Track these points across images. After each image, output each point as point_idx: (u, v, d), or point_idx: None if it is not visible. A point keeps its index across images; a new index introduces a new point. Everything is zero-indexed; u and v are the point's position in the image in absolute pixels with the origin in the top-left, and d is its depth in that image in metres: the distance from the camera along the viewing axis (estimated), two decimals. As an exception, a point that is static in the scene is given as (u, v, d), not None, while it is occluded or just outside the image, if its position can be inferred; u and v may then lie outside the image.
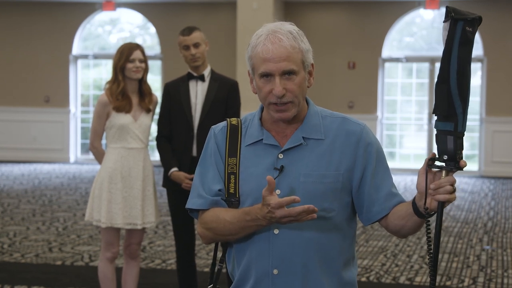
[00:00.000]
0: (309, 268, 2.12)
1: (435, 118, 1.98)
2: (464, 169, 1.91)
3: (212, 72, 4.73)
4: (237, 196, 2.16)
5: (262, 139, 2.19)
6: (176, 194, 4.66)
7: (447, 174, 1.97)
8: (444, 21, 1.92)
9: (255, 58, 2.13)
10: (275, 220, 2.02)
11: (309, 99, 2.23)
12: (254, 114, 2.25)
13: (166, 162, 4.67)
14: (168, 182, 4.68)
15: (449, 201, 1.96)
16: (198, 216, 2.22)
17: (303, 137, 2.17)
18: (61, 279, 5.74)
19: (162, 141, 4.72)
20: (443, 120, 1.95)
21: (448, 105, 1.93)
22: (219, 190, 2.18)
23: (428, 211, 2.02)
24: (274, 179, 2.11)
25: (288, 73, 2.10)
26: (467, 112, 1.94)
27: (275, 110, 2.13)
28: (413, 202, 2.06)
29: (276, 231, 2.12)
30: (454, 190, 1.97)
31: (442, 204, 1.97)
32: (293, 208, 1.98)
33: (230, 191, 2.17)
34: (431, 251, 2.01)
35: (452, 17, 1.89)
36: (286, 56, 2.09)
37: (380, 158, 2.20)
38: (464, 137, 1.96)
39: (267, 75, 2.11)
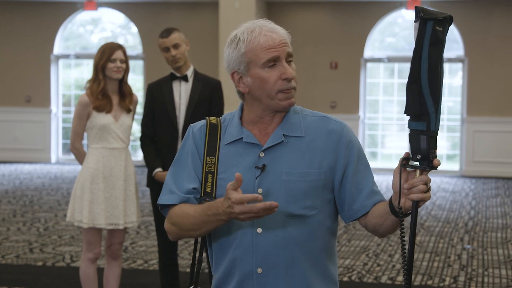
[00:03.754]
0: (293, 267, 2.13)
1: (408, 118, 1.99)
2: (446, 169, 1.92)
3: (195, 72, 4.73)
4: (214, 195, 2.15)
5: (242, 138, 2.18)
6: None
7: (421, 174, 1.98)
8: (414, 21, 1.93)
9: (254, 50, 2.12)
10: (234, 216, 2.00)
11: None
12: (234, 114, 2.24)
13: (150, 162, 4.67)
14: (152, 182, 4.67)
15: (423, 200, 1.97)
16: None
17: (283, 135, 2.17)
18: (42, 280, 5.70)
19: (146, 141, 4.72)
20: (416, 119, 1.96)
21: (420, 105, 1.93)
22: (193, 188, 2.17)
23: (403, 211, 2.02)
24: (256, 178, 2.11)
25: (290, 58, 2.15)
26: (440, 111, 1.95)
27: (284, 98, 2.13)
28: (390, 202, 2.07)
29: (259, 230, 2.12)
30: (428, 189, 1.97)
31: (416, 204, 1.98)
32: (253, 205, 1.95)
33: (207, 190, 2.16)
34: (405, 251, 2.01)
35: (422, 17, 1.90)
36: (286, 42, 2.15)
37: (361, 156, 2.21)
38: (438, 136, 1.96)
39: (273, 62, 2.12)
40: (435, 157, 1.95)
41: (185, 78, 4.68)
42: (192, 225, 2.11)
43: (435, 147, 1.95)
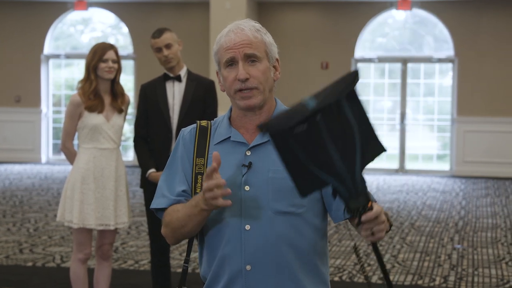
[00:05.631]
0: (281, 264, 2.13)
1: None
2: (436, 169, 1.87)
3: (189, 72, 4.72)
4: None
5: (230, 137, 2.20)
6: (154, 195, 4.64)
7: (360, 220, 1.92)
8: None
9: (219, 51, 2.18)
10: (206, 198, 2.01)
11: (277, 99, 2.27)
12: (224, 115, 2.28)
13: (143, 163, 4.65)
14: (146, 183, 4.65)
15: (377, 239, 1.94)
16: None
17: None
18: (32, 281, 5.68)
19: (140, 142, 4.70)
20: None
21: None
22: (183, 191, 2.19)
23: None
24: (243, 175, 2.13)
25: (251, 59, 2.15)
26: (357, 171, 1.86)
27: (240, 97, 2.15)
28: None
29: (247, 227, 2.13)
30: (381, 222, 1.91)
31: (374, 244, 1.96)
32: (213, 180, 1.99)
33: (197, 191, 2.18)
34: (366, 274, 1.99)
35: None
36: (248, 42, 2.15)
37: None
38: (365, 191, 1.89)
39: (231, 63, 2.15)
40: (366, 211, 1.88)
41: (178, 78, 4.67)
42: (179, 220, 2.14)
43: (363, 202, 1.87)
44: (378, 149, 1.87)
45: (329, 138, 1.80)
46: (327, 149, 1.81)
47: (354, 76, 1.82)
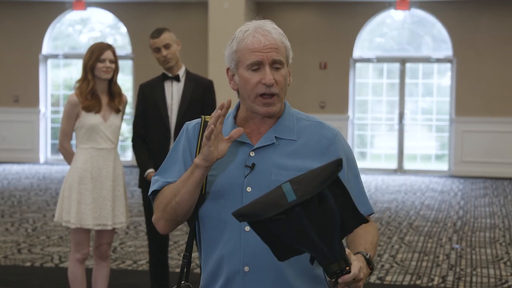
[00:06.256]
0: (280, 266, 2.12)
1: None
2: (434, 169, 1.87)
3: (187, 72, 4.73)
4: (203, 191, 2.15)
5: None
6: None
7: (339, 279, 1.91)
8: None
9: (242, 50, 2.14)
10: (205, 149, 2.03)
11: (286, 101, 2.25)
12: (229, 113, 2.25)
13: (142, 163, 4.65)
14: (144, 183, 4.66)
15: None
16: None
17: (275, 137, 2.17)
18: (30, 281, 5.68)
19: (138, 142, 4.70)
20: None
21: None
22: None
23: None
24: (245, 176, 2.12)
25: (276, 65, 2.14)
26: (334, 242, 1.85)
27: (262, 103, 2.13)
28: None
29: (247, 229, 2.11)
30: (359, 281, 1.90)
31: None
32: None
33: None
34: None
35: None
36: (276, 47, 2.14)
37: (350, 166, 2.21)
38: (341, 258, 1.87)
39: (257, 66, 2.12)
40: (343, 274, 1.87)
41: (177, 78, 4.68)
42: (172, 191, 2.12)
43: (340, 267, 1.88)
44: (359, 221, 1.89)
45: (309, 224, 1.82)
46: (306, 231, 1.83)
47: (337, 165, 1.83)
